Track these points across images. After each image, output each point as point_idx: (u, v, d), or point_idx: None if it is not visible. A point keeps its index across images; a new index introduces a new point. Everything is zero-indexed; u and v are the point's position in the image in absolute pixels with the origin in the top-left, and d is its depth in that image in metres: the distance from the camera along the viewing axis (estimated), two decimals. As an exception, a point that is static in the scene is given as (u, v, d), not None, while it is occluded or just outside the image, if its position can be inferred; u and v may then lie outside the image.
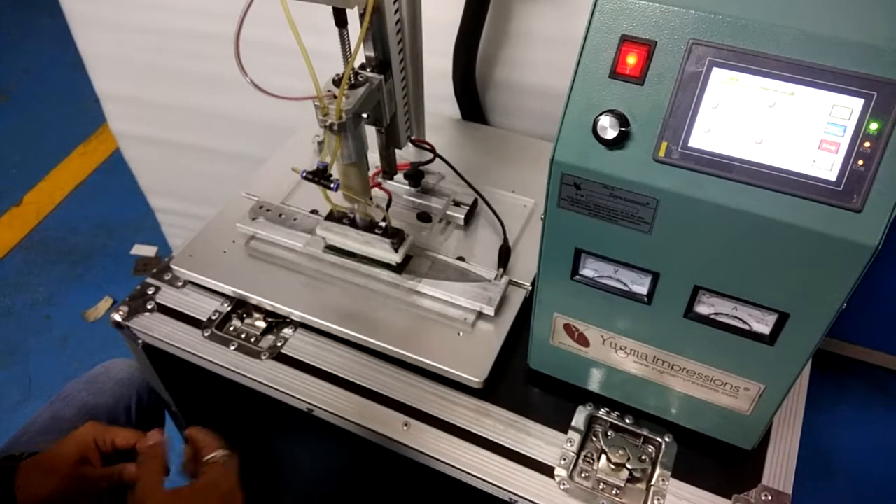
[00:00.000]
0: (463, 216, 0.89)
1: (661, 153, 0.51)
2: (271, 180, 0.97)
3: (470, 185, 0.91)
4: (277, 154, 1.03)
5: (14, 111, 2.51)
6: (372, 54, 0.74)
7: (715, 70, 0.50)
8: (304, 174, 0.74)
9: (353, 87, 0.70)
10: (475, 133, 1.08)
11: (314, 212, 0.90)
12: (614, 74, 0.52)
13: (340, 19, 0.65)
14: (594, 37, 0.52)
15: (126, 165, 1.58)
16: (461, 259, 0.85)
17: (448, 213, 0.90)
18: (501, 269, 0.82)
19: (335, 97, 0.67)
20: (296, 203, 0.93)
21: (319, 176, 0.73)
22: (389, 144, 0.83)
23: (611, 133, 0.52)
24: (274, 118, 1.29)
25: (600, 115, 0.52)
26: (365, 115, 0.72)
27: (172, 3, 1.21)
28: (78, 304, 1.84)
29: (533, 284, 0.83)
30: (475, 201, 0.91)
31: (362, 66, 0.75)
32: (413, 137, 0.87)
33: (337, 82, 0.70)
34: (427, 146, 0.90)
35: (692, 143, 0.51)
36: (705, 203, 0.51)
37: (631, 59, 0.52)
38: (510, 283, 0.82)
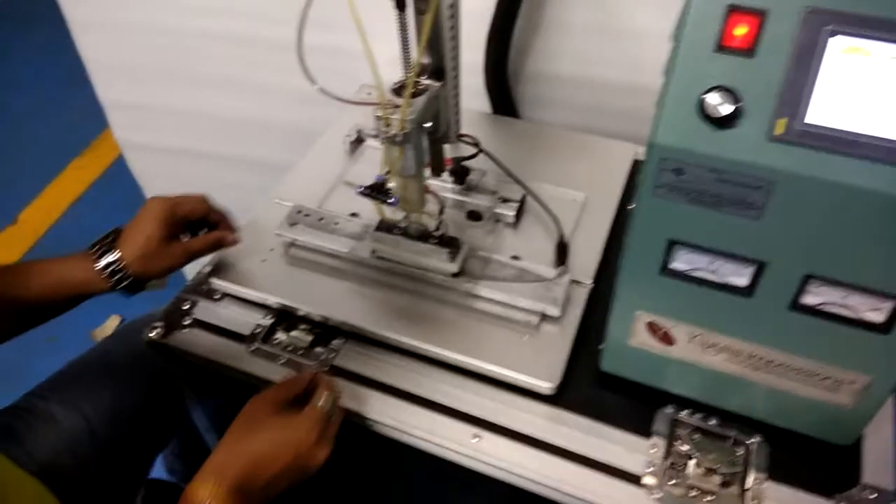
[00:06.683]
0: (513, 213, 0.85)
1: (779, 130, 0.47)
2: (303, 185, 0.92)
3: (518, 181, 0.86)
4: (306, 158, 0.98)
5: (4, 127, 2.44)
6: (427, 60, 0.70)
7: (834, 38, 0.46)
8: (361, 189, 0.70)
9: (413, 95, 0.66)
10: (509, 127, 1.03)
11: (354, 215, 0.86)
12: (721, 48, 0.48)
13: (399, 1, 0.60)
14: (698, 7, 0.48)
15: (124, 177, 1.53)
16: (516, 258, 0.80)
17: (497, 210, 0.85)
18: (563, 267, 0.77)
19: (396, 107, 0.63)
20: (332, 206, 0.88)
21: (377, 191, 0.69)
22: (437, 140, 0.79)
23: (723, 111, 0.47)
24: (289, 122, 1.24)
25: (707, 91, 0.48)
26: (428, 125, 0.68)
27: (178, 4, 1.16)
28: (84, 324, 1.77)
29: (596, 281, 0.78)
30: (524, 197, 0.87)
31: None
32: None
33: (397, 91, 0.66)
34: (471, 140, 0.86)
35: (810, 118, 0.47)
36: (828, 183, 0.47)
37: (739, 31, 0.47)
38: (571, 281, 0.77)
